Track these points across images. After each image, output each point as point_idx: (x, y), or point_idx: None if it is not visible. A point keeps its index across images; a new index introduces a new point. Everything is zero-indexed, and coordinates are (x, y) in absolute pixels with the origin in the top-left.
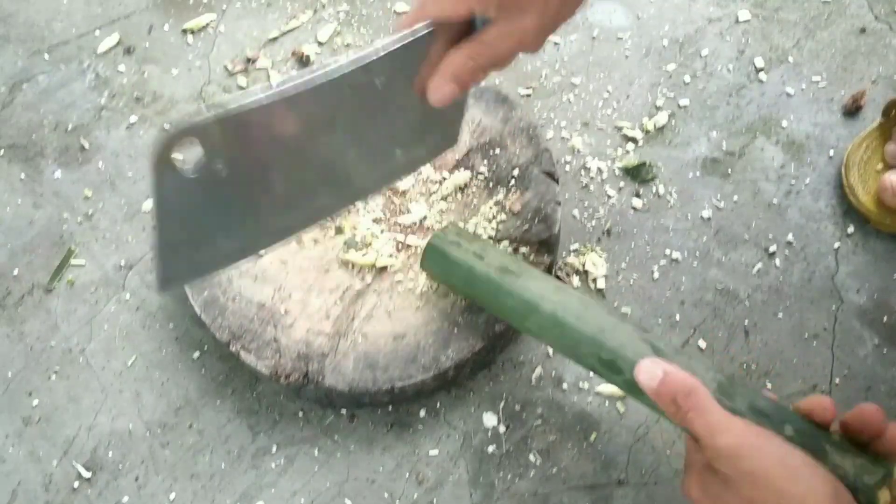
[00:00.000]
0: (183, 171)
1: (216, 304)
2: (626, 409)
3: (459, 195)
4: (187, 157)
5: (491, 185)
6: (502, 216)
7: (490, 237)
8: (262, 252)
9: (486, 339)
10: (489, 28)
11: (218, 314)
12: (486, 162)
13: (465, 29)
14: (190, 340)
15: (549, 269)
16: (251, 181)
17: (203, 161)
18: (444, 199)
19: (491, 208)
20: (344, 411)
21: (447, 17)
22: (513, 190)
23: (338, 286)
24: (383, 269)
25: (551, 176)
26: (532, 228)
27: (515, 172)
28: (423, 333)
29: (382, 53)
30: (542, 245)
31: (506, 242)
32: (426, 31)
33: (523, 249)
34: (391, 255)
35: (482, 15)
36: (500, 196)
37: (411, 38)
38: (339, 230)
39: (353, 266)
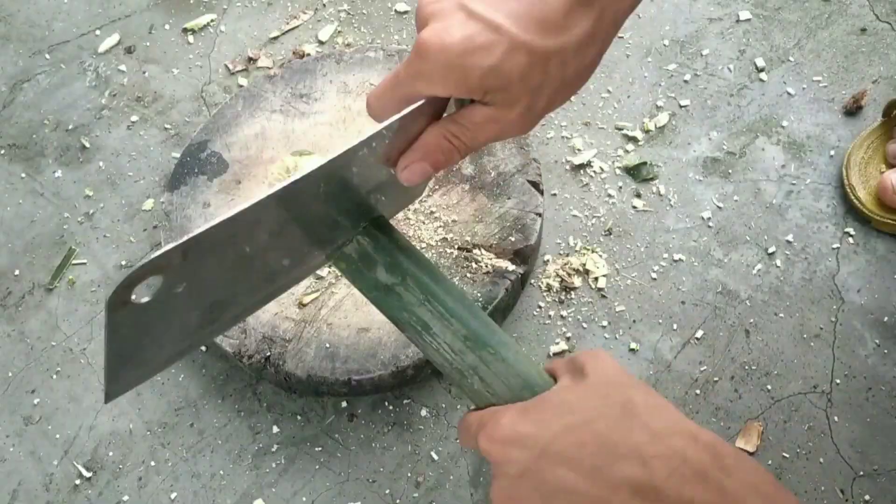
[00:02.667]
0: (139, 303)
1: None
2: None
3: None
4: (145, 290)
5: (475, 187)
6: (479, 221)
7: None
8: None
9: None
10: (473, 109)
11: None
12: (472, 165)
13: (445, 102)
14: None
15: (523, 280)
16: (208, 289)
17: (160, 288)
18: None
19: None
20: (346, 412)
21: (425, 97)
22: (495, 195)
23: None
24: None
25: (536, 186)
26: (510, 237)
27: (500, 179)
28: (387, 330)
29: (358, 142)
30: (517, 255)
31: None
32: (415, 106)
33: (497, 259)
34: None
35: (465, 98)
36: (482, 200)
37: (395, 119)
38: None
39: None
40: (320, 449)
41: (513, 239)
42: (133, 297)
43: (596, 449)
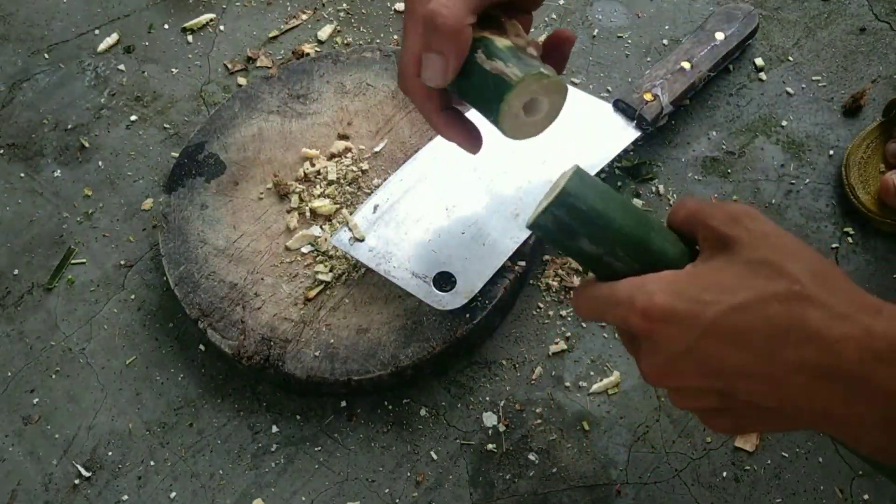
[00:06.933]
0: None
1: (190, 280)
2: (626, 407)
3: None
4: None
5: None
6: None
7: None
8: None
9: (446, 341)
10: None
11: (190, 290)
12: None
13: None
14: (190, 340)
15: (522, 280)
16: None
17: None
18: None
19: None
20: (345, 412)
21: None
22: None
23: (310, 275)
24: (355, 263)
25: None
26: None
27: None
28: (386, 330)
29: None
30: (516, 254)
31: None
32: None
33: None
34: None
35: None
36: None
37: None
38: (313, 213)
39: (324, 256)
40: (319, 449)
41: None
42: None
43: (768, 332)
